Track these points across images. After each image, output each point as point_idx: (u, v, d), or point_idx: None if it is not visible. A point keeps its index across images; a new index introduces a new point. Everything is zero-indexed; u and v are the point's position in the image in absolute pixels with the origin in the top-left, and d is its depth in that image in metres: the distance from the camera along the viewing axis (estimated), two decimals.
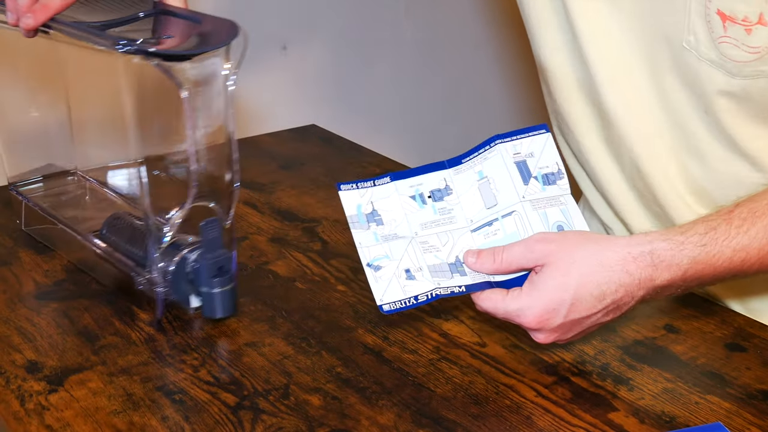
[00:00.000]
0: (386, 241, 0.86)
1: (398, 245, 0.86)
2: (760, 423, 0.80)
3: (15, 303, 1.01)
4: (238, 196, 0.95)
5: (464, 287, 0.83)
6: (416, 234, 0.88)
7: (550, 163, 0.90)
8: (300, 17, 1.82)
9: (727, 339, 0.92)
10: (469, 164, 0.91)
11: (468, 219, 0.88)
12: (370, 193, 0.90)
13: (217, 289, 0.93)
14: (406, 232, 0.88)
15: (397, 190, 0.91)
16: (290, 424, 0.81)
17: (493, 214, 0.88)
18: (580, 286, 0.80)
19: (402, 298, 0.83)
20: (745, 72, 0.88)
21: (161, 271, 0.94)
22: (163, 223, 0.94)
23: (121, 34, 0.88)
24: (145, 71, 0.86)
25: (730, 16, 0.86)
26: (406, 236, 0.87)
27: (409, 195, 0.90)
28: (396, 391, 0.85)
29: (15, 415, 0.83)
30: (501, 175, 0.89)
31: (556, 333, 0.82)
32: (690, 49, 0.90)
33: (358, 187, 0.90)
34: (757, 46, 0.86)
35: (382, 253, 0.86)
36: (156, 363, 0.90)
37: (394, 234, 0.87)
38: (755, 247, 0.81)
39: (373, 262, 0.85)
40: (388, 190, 0.91)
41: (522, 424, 0.80)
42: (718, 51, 0.88)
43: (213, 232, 0.92)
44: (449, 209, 0.90)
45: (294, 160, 1.40)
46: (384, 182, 0.91)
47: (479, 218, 0.88)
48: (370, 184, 0.90)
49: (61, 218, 1.09)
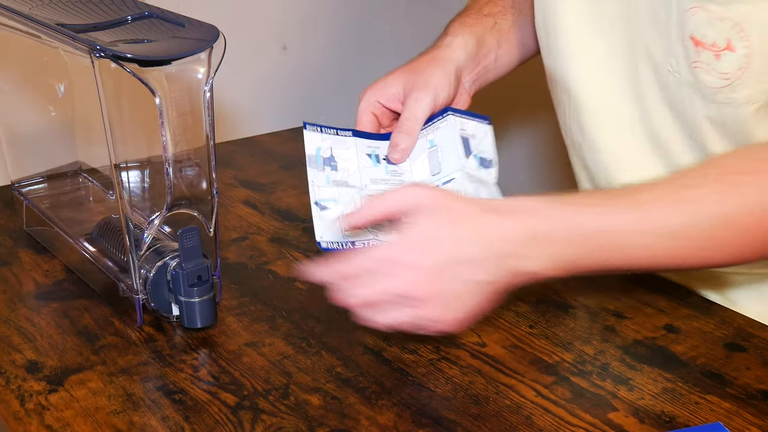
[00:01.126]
0: (336, 186, 0.91)
1: (346, 192, 0.90)
2: (760, 423, 0.80)
3: (15, 303, 1.01)
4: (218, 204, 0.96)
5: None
6: (365, 186, 0.92)
7: (487, 150, 0.97)
8: (300, 17, 1.82)
9: (727, 339, 0.92)
10: (424, 133, 0.97)
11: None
12: (331, 139, 0.94)
13: (195, 299, 0.92)
14: (357, 182, 0.92)
15: (356, 144, 0.95)
16: (290, 424, 0.81)
17: (435, 180, 0.93)
18: (452, 225, 0.77)
19: (340, 240, 0.87)
20: (718, 98, 0.88)
21: (142, 278, 0.93)
22: (143, 229, 0.94)
23: (100, 38, 0.88)
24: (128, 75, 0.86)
25: (701, 41, 0.86)
26: (356, 186, 0.92)
27: (365, 153, 0.95)
28: (396, 391, 0.85)
29: (15, 415, 0.83)
30: (448, 144, 0.95)
31: (420, 276, 0.76)
32: (673, 71, 0.91)
33: (321, 131, 0.95)
34: (727, 72, 0.86)
35: (330, 196, 0.90)
36: (156, 363, 0.90)
37: (345, 181, 0.92)
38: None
39: (321, 202, 0.89)
40: (348, 142, 0.95)
41: (522, 424, 0.80)
42: (693, 76, 0.88)
43: (191, 240, 0.92)
44: (400, 173, 0.95)
45: (294, 160, 1.40)
46: (346, 135, 0.96)
47: (425, 183, 0.92)
48: (333, 132, 0.95)
49: (56, 220, 1.09)
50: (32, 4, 1.00)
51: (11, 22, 1.01)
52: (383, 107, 1.01)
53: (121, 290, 0.95)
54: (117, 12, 0.96)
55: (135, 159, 0.99)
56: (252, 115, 1.78)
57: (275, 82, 1.81)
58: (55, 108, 1.17)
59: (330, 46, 1.87)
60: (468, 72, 1.05)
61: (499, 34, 1.09)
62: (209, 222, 0.95)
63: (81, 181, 1.19)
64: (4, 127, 1.17)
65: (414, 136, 0.97)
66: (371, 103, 1.00)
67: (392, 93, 1.00)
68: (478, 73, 1.07)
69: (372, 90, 1.01)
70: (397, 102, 1.00)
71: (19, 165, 1.18)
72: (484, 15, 1.10)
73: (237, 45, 1.04)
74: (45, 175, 1.19)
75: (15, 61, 1.17)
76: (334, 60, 1.89)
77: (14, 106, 1.18)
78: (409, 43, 1.97)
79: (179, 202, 0.93)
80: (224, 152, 1.40)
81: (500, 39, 1.09)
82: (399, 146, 0.97)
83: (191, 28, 0.91)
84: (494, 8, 1.11)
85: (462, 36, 1.05)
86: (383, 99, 1.00)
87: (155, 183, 0.99)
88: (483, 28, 1.08)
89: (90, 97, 0.88)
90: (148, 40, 0.90)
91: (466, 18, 1.09)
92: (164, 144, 0.88)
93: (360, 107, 1.00)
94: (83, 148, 1.18)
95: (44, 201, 1.15)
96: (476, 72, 1.06)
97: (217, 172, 0.93)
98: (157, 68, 0.86)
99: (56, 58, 1.04)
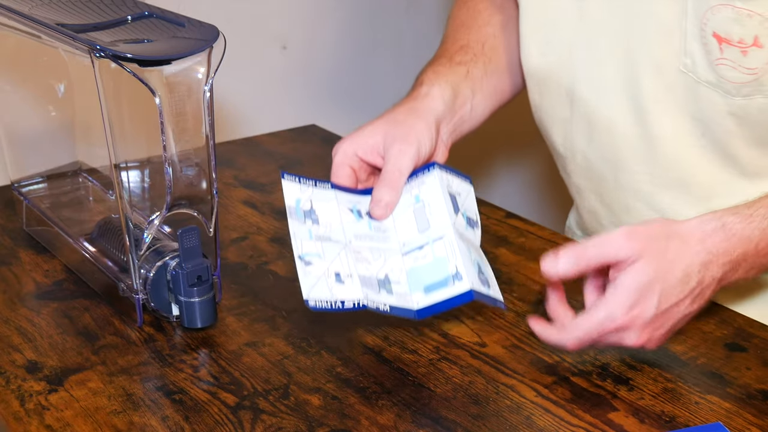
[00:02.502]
0: (319, 240, 0.86)
1: (331, 248, 0.86)
2: (760, 423, 0.80)
3: (15, 303, 1.01)
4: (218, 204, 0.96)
5: (389, 306, 0.84)
6: (350, 242, 0.88)
7: (471, 210, 0.92)
8: (300, 17, 1.81)
9: (727, 339, 0.92)
10: (408, 188, 0.92)
11: (401, 242, 0.89)
12: (310, 191, 0.89)
13: (195, 299, 0.92)
14: (341, 237, 0.88)
15: (336, 198, 0.90)
16: (290, 424, 0.81)
17: (425, 238, 0.88)
18: (667, 272, 0.80)
19: (329, 299, 0.83)
20: (743, 92, 0.89)
21: (141, 278, 0.93)
22: (143, 229, 0.94)
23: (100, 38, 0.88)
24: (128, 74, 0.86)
25: (726, 39, 0.87)
26: (340, 241, 0.87)
27: (347, 207, 0.90)
28: (396, 391, 0.85)
29: (15, 415, 0.83)
30: (436, 200, 0.90)
31: (648, 329, 0.81)
32: (687, 72, 0.91)
33: (300, 182, 0.89)
34: (754, 67, 0.87)
35: (314, 251, 0.85)
36: (156, 363, 0.90)
37: (329, 237, 0.87)
38: None
39: (305, 257, 0.85)
40: (328, 195, 0.90)
41: (522, 424, 0.80)
42: (715, 73, 0.89)
43: (191, 240, 0.92)
44: (384, 229, 0.90)
45: (294, 160, 1.40)
46: (324, 187, 0.90)
47: (411, 242, 0.88)
48: (312, 183, 0.90)
49: (56, 220, 1.09)
50: (32, 4, 1.00)
51: (11, 22, 1.01)
52: (361, 160, 0.93)
53: (121, 290, 0.95)
54: (117, 12, 0.96)
55: (135, 159, 0.99)
56: (252, 115, 1.77)
57: (275, 82, 1.81)
58: (55, 108, 1.17)
59: (330, 46, 1.87)
60: (446, 123, 1.00)
61: (472, 83, 1.06)
62: (209, 222, 0.95)
63: (81, 181, 1.19)
64: (4, 127, 1.17)
65: (398, 190, 0.90)
66: (349, 155, 0.92)
67: (371, 145, 0.92)
68: (455, 123, 1.02)
69: (349, 141, 0.93)
70: (376, 155, 0.93)
71: (19, 165, 1.18)
72: (456, 63, 1.06)
73: (237, 45, 1.04)
74: (45, 175, 1.19)
75: (15, 61, 1.17)
76: (334, 60, 1.89)
77: (14, 106, 1.18)
78: (409, 43, 1.97)
79: (179, 202, 0.93)
80: (224, 152, 1.40)
81: (474, 88, 1.06)
82: (382, 201, 0.90)
83: (191, 28, 0.91)
84: (465, 56, 1.07)
85: (439, 85, 1.01)
86: (361, 151, 0.92)
87: (155, 183, 0.99)
88: (457, 77, 1.04)
89: (90, 97, 0.88)
90: (148, 40, 0.90)
91: (438, 67, 1.05)
92: (164, 144, 0.88)
93: (336, 160, 0.93)
94: (83, 148, 1.18)
95: (44, 201, 1.15)
96: (453, 123, 1.02)
97: (217, 172, 0.93)
98: (157, 68, 0.86)
99: (56, 58, 1.04)
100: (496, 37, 1.11)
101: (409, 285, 0.86)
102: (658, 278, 0.79)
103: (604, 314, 0.80)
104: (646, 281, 0.79)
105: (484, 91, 1.08)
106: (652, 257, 0.79)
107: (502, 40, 1.11)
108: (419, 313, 0.85)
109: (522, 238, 1.13)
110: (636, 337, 0.81)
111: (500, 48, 1.11)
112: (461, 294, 0.84)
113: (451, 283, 0.85)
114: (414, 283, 0.86)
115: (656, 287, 0.80)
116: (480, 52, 1.09)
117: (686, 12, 0.89)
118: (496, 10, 1.12)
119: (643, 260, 0.79)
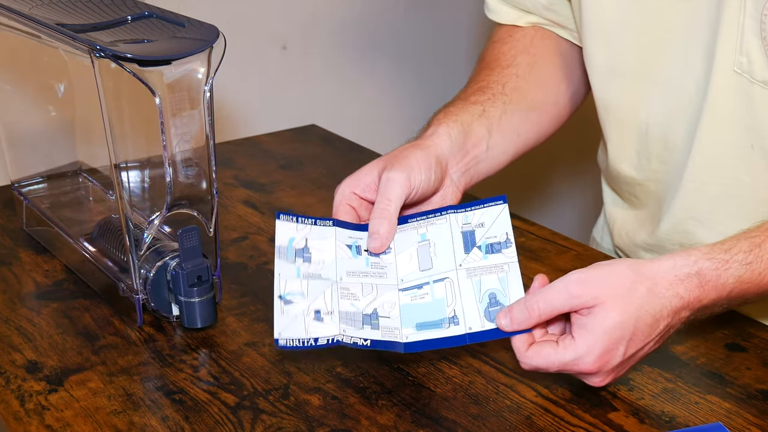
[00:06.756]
0: (306, 279, 0.86)
1: (317, 285, 0.85)
2: (760, 423, 0.80)
3: (15, 303, 1.01)
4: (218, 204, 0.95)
5: (370, 341, 0.83)
6: (341, 279, 0.87)
7: (499, 233, 0.88)
8: (300, 17, 1.82)
9: (727, 339, 0.92)
10: (414, 224, 0.91)
11: (399, 278, 0.88)
12: (308, 229, 0.88)
13: (195, 299, 0.92)
14: (331, 274, 0.87)
15: (335, 234, 0.89)
16: (290, 424, 0.81)
17: (425, 277, 0.87)
18: (638, 320, 0.78)
19: (302, 337, 0.82)
20: None
21: (141, 278, 0.93)
22: (143, 229, 0.94)
23: (100, 38, 0.88)
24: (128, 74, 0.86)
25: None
26: (329, 279, 0.86)
27: (345, 243, 0.89)
28: (396, 391, 0.85)
29: (15, 415, 0.83)
30: (444, 241, 0.89)
31: (612, 373, 0.80)
32: (742, 72, 0.88)
33: (297, 221, 0.88)
34: None
35: (297, 290, 0.85)
36: (156, 363, 0.90)
37: (318, 274, 0.86)
38: None
39: (286, 296, 0.84)
40: (327, 232, 0.89)
41: (522, 424, 0.80)
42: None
43: (191, 240, 0.92)
44: (383, 266, 0.89)
45: (294, 160, 1.40)
46: (325, 225, 0.90)
47: (410, 279, 0.88)
48: (311, 222, 0.89)
49: (56, 220, 1.09)
50: (32, 4, 1.00)
51: (11, 22, 1.01)
52: (359, 198, 0.92)
53: (121, 290, 0.95)
54: (117, 12, 0.96)
55: (135, 159, 0.99)
56: (252, 115, 1.78)
57: (275, 82, 1.81)
58: (55, 108, 1.17)
59: (330, 46, 1.87)
60: (455, 162, 0.97)
61: (489, 122, 1.01)
62: (209, 222, 0.95)
63: (81, 181, 1.19)
64: (4, 127, 1.17)
65: (390, 219, 0.89)
66: (346, 195, 0.92)
67: (367, 182, 0.92)
68: (467, 163, 0.99)
69: (346, 182, 0.92)
70: (372, 191, 0.92)
71: (19, 165, 1.18)
72: (471, 103, 1.02)
73: (237, 45, 1.04)
74: (45, 175, 1.19)
75: (15, 61, 1.17)
76: (334, 60, 1.89)
77: (14, 106, 1.18)
78: (409, 43, 1.98)
79: (179, 202, 0.93)
80: (224, 152, 1.40)
81: (491, 127, 1.01)
82: (378, 232, 0.88)
83: (191, 28, 0.91)
84: (482, 96, 1.04)
85: (446, 124, 0.98)
86: (358, 189, 0.92)
87: (155, 183, 0.99)
88: (470, 116, 1.00)
89: (90, 97, 0.88)
90: (148, 40, 0.90)
91: (451, 107, 1.02)
92: (164, 144, 0.88)
93: (335, 201, 0.92)
94: (83, 148, 1.18)
95: (44, 201, 1.15)
96: (465, 162, 0.98)
97: (217, 172, 0.93)
98: (157, 68, 0.86)
99: (56, 58, 1.04)
100: (519, 77, 1.07)
101: (402, 320, 0.85)
102: (626, 325, 0.77)
103: (572, 358, 0.78)
104: (613, 328, 0.77)
105: (504, 131, 1.03)
106: (617, 301, 0.77)
107: (528, 80, 1.08)
108: (407, 346, 0.84)
109: (522, 237, 1.13)
110: (599, 380, 0.81)
111: (524, 88, 1.07)
112: (454, 336, 0.83)
113: (446, 325, 0.84)
114: (407, 318, 0.85)
115: (626, 334, 0.78)
116: (500, 92, 1.05)
117: (742, 14, 0.86)
118: (521, 51, 1.09)
119: (608, 305, 0.77)
